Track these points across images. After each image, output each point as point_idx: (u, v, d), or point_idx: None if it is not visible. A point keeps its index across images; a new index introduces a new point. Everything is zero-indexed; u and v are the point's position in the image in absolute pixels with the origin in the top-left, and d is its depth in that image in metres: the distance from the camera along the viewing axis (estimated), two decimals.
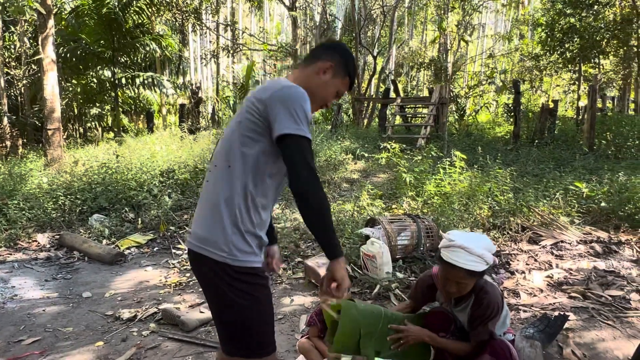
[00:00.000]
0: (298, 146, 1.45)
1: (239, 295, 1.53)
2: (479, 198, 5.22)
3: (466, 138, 11.29)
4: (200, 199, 1.66)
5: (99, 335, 3.07)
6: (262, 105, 1.51)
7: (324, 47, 1.77)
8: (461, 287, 2.08)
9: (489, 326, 2.10)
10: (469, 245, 2.00)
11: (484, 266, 2.02)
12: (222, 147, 1.64)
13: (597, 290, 3.52)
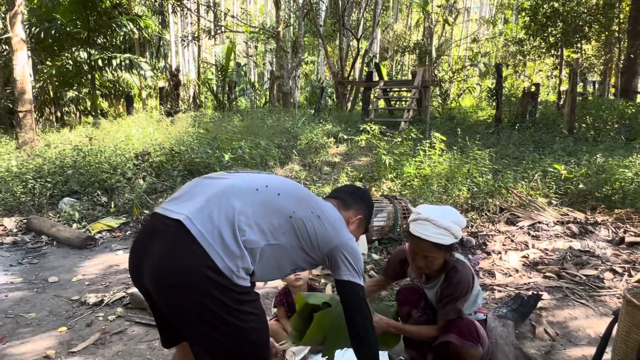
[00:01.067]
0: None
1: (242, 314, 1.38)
2: (458, 180, 5.19)
3: (448, 122, 11.26)
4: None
5: (62, 320, 2.96)
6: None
7: (355, 196, 1.85)
8: (429, 261, 2.04)
9: (457, 305, 2.06)
10: (436, 218, 1.96)
11: (452, 239, 1.98)
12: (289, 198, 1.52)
13: (571, 270, 3.52)
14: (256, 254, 1.39)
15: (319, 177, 6.62)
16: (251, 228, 1.36)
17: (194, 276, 1.29)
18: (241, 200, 1.39)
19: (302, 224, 1.47)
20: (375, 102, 12.25)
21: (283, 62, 14.93)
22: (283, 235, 1.44)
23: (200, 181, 1.52)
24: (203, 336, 1.35)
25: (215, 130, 7.78)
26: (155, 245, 1.33)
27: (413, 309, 2.34)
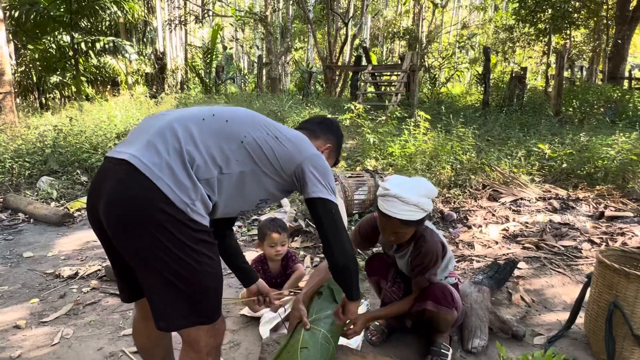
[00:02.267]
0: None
1: (198, 254, 1.31)
2: (442, 158, 5.18)
3: (436, 106, 11.24)
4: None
5: (35, 293, 2.91)
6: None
7: (323, 126, 1.79)
8: (399, 236, 2.00)
9: (428, 274, 2.03)
10: (404, 195, 1.87)
11: (421, 214, 1.90)
12: (239, 122, 1.44)
13: (550, 241, 3.53)
14: (213, 185, 1.33)
15: None
16: (202, 157, 1.30)
17: (146, 209, 1.24)
18: (187, 131, 1.33)
19: (257, 146, 1.40)
20: (364, 86, 12.18)
21: (271, 47, 14.77)
22: (237, 163, 1.37)
23: (146, 120, 1.45)
24: (156, 277, 1.29)
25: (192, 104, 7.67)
26: (106, 185, 1.29)
27: (382, 280, 2.32)
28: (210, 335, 1.40)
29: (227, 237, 1.82)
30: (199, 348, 1.39)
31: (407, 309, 2.14)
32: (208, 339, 1.40)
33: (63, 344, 2.33)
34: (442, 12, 27.55)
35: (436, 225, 3.95)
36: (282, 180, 1.47)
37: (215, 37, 14.07)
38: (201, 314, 1.36)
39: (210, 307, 1.38)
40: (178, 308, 1.33)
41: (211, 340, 1.41)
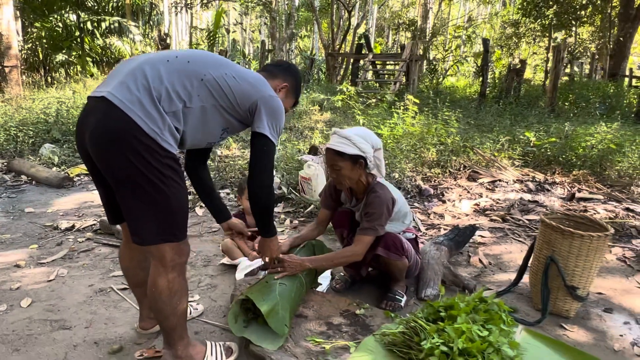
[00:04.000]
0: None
1: (166, 177, 1.52)
2: (428, 140, 5.40)
3: (434, 96, 11.42)
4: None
5: (34, 240, 3.18)
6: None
7: (280, 67, 1.96)
8: (337, 171, 2.17)
9: (375, 223, 2.18)
10: (340, 131, 2.14)
11: (354, 149, 2.09)
12: (198, 62, 1.64)
13: (516, 215, 3.76)
14: (179, 116, 1.55)
15: (297, 138, 6.80)
16: (167, 93, 1.52)
17: (122, 137, 1.46)
18: (154, 70, 1.54)
19: (216, 84, 1.61)
20: (364, 74, 12.36)
21: (275, 33, 14.94)
22: (199, 98, 1.58)
23: (121, 64, 1.68)
24: (130, 197, 1.53)
25: None
26: (90, 120, 1.52)
27: (344, 230, 2.54)
28: (175, 252, 1.62)
29: (201, 172, 2.05)
30: (165, 263, 1.61)
31: (346, 256, 2.24)
32: (173, 255, 1.61)
33: (58, 281, 2.59)
34: (449, 5, 27.59)
35: (413, 199, 4.19)
36: (238, 115, 1.69)
37: (218, 20, 14.23)
38: (168, 232, 1.58)
39: (176, 226, 1.61)
40: (149, 225, 1.56)
41: (176, 257, 1.62)
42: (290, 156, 4.48)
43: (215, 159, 5.00)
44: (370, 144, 2.17)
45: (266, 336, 1.92)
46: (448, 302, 1.91)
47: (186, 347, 1.77)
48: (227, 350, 1.91)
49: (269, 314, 1.90)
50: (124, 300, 2.38)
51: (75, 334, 2.06)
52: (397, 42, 27.55)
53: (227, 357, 1.87)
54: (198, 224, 3.56)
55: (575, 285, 2.27)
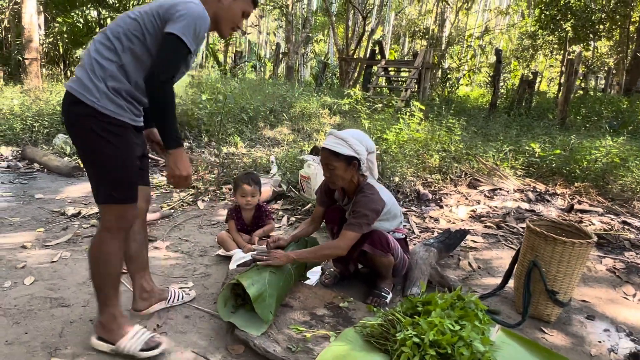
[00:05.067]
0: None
1: (104, 141, 1.69)
2: (431, 147, 5.46)
3: (443, 104, 11.46)
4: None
5: (42, 224, 3.32)
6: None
7: None
8: (331, 170, 2.25)
9: (360, 220, 2.25)
10: (336, 132, 2.24)
11: (349, 151, 2.18)
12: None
13: (511, 222, 3.81)
14: (117, 76, 1.69)
15: (303, 139, 6.91)
16: (96, 62, 1.68)
17: (66, 113, 1.72)
18: (92, 46, 1.72)
19: (135, 25, 1.70)
20: (375, 79, 12.44)
21: (290, 36, 15.11)
22: (127, 51, 1.70)
23: None
24: (83, 162, 1.77)
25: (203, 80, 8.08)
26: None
27: (334, 226, 2.63)
28: (113, 214, 1.76)
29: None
30: (103, 222, 1.78)
31: (331, 250, 2.30)
32: (111, 217, 1.76)
33: (61, 262, 2.72)
34: (466, 15, 27.57)
35: (410, 203, 4.26)
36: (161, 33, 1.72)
37: None
38: (109, 193, 1.73)
39: (116, 189, 1.74)
40: (97, 187, 1.76)
41: (113, 219, 1.76)
42: (293, 156, 4.58)
43: (221, 155, 5.12)
44: (364, 147, 2.26)
45: (252, 322, 2.02)
46: (426, 298, 1.99)
47: (111, 318, 1.84)
48: (152, 343, 1.86)
49: (256, 299, 2.00)
50: (122, 284, 2.49)
51: (72, 311, 2.18)
52: (413, 50, 27.60)
53: (146, 349, 1.84)
54: (198, 217, 3.68)
55: (556, 290, 2.32)
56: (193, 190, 4.24)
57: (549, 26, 15.27)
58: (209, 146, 5.82)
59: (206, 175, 4.61)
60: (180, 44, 1.66)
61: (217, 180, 4.44)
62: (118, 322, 1.85)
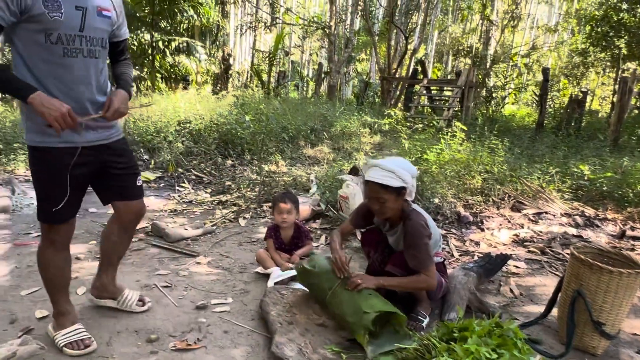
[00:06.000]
0: None
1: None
2: (473, 168, 5.37)
3: (486, 124, 11.24)
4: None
5: (94, 237, 3.52)
6: None
7: None
8: (382, 204, 2.25)
9: (425, 251, 2.25)
10: (382, 163, 2.21)
11: (399, 182, 2.18)
12: None
13: (557, 248, 3.68)
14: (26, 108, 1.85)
15: (343, 158, 6.97)
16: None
17: None
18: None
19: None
20: (417, 99, 12.38)
21: (332, 56, 15.34)
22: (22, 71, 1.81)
23: None
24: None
25: (249, 101, 8.33)
26: None
27: (371, 250, 2.63)
28: (43, 228, 2.01)
29: (116, 68, 2.19)
30: (41, 234, 2.04)
31: (416, 284, 2.32)
32: (43, 230, 2.02)
33: None
34: (512, 32, 27.05)
35: (450, 225, 4.20)
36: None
37: (278, 42, 14.86)
38: (39, 215, 1.98)
39: (38, 207, 1.96)
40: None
41: (45, 233, 2.01)
42: (332, 175, 4.64)
43: (262, 173, 5.25)
44: (410, 174, 2.25)
45: (391, 340, 2.10)
46: (463, 324, 1.96)
47: (58, 314, 2.10)
48: (80, 345, 2.03)
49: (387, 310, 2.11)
50: (165, 297, 2.61)
51: (119, 322, 2.30)
52: (456, 68, 27.30)
53: (66, 346, 2.02)
54: (239, 234, 3.78)
55: (602, 321, 2.23)
56: (235, 208, 4.37)
57: (601, 43, 14.73)
58: (250, 164, 5.98)
59: (247, 193, 4.74)
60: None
61: (258, 198, 4.55)
62: (62, 318, 2.10)
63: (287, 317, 2.29)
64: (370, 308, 2.08)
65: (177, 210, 4.37)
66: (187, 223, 3.98)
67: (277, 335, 2.11)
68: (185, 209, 4.43)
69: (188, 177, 5.52)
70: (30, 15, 1.65)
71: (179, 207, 4.46)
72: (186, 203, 4.63)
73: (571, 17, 24.89)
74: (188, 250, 3.32)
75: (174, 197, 4.80)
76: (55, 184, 1.89)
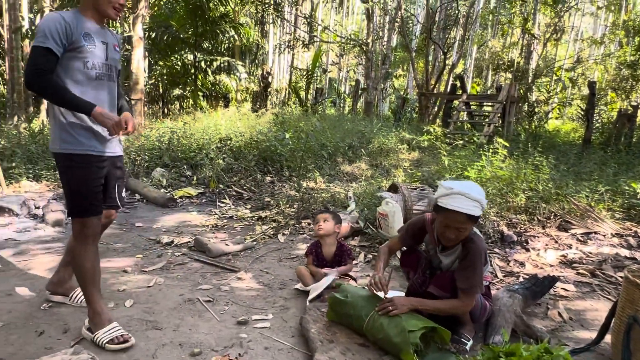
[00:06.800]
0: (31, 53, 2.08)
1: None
2: (516, 185, 5.22)
3: (529, 139, 10.92)
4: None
5: (140, 251, 3.66)
6: None
7: None
8: (460, 232, 2.20)
9: (478, 275, 2.22)
10: (468, 191, 2.13)
11: (480, 211, 2.16)
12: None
13: (609, 271, 3.50)
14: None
15: (381, 175, 6.94)
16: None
17: None
18: None
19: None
20: (456, 114, 12.21)
21: (369, 72, 15.42)
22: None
23: None
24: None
25: (287, 118, 8.45)
26: None
27: (411, 271, 2.58)
28: (77, 225, 2.23)
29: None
30: (73, 233, 2.26)
31: (451, 309, 2.30)
32: (76, 227, 2.24)
33: (155, 287, 2.96)
34: (555, 45, 26.34)
35: (494, 245, 4.08)
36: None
37: (316, 60, 15.08)
38: (70, 208, 2.24)
39: (74, 205, 2.22)
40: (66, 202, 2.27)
41: (78, 229, 2.23)
42: (370, 192, 4.63)
43: (301, 190, 5.30)
44: (485, 201, 2.21)
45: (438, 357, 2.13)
46: (510, 348, 1.90)
47: (94, 314, 2.25)
48: (120, 339, 2.18)
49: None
50: (208, 311, 2.66)
51: (164, 334, 2.36)
52: (497, 83, 26.77)
53: (110, 342, 2.17)
54: (279, 250, 3.82)
55: None
56: (274, 224, 4.42)
57: None
58: (289, 181, 6.06)
59: (286, 209, 4.79)
60: (34, 49, 2.04)
61: (296, 214, 4.59)
62: (99, 317, 2.25)
63: (328, 335, 2.29)
64: (414, 326, 2.07)
65: (218, 225, 4.47)
66: (228, 238, 4.07)
67: (318, 353, 2.11)
68: (226, 224, 4.53)
69: (229, 193, 5.65)
70: (74, 47, 2.11)
71: (220, 222, 4.57)
72: (227, 218, 4.73)
73: (619, 29, 24.00)
74: (229, 265, 3.39)
75: (215, 213, 4.92)
76: (91, 182, 2.22)
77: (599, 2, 23.15)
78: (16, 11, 10.83)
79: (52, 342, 2.23)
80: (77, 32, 2.10)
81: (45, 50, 2.02)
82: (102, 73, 2.23)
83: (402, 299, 2.30)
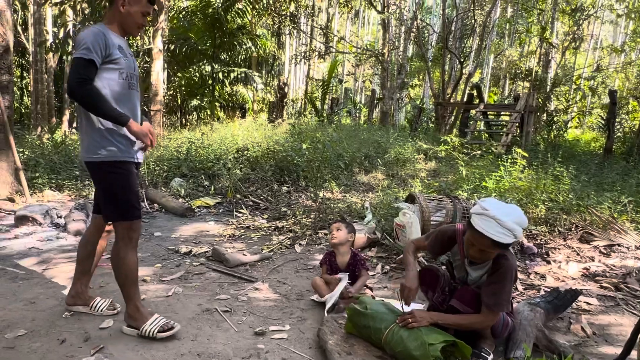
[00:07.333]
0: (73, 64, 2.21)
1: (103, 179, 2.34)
2: (536, 196, 5.14)
3: (548, 149, 10.76)
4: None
5: (159, 260, 3.70)
6: None
7: None
8: (484, 254, 2.17)
9: (505, 290, 2.16)
10: (502, 218, 2.02)
11: (512, 239, 2.05)
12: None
13: (634, 285, 3.41)
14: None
15: (398, 185, 6.91)
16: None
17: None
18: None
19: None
20: (473, 124, 12.11)
21: (385, 82, 15.43)
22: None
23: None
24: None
25: (304, 128, 8.48)
26: None
27: (429, 291, 2.53)
28: (124, 228, 2.33)
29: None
30: (117, 236, 2.35)
31: (470, 325, 2.27)
32: (123, 230, 2.34)
33: (174, 297, 2.99)
34: (574, 54, 26.01)
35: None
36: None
37: (332, 71, 15.16)
38: (117, 213, 2.32)
39: (121, 210, 2.31)
40: (109, 209, 2.35)
41: (125, 232, 2.34)
42: (387, 202, 4.61)
43: (318, 200, 5.31)
44: (522, 228, 2.11)
45: None
46: None
47: (134, 309, 2.38)
48: (167, 326, 2.36)
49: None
50: (225, 321, 2.67)
51: (183, 344, 2.37)
52: (514, 92, 26.50)
53: (160, 331, 2.34)
54: (295, 260, 3.83)
55: None
56: (291, 234, 4.43)
57: None
58: (306, 191, 6.07)
59: (303, 219, 4.80)
60: (76, 60, 2.16)
61: (313, 224, 4.60)
62: (140, 312, 2.39)
63: (346, 347, 2.27)
64: (434, 340, 2.06)
65: (236, 235, 4.50)
66: (245, 248, 4.09)
67: None
68: (243, 234, 4.56)
69: (246, 202, 5.69)
70: (111, 59, 2.26)
71: (237, 232, 4.60)
72: (244, 228, 4.76)
73: (639, 37, 23.61)
74: (247, 275, 3.40)
75: (233, 223, 4.95)
76: (133, 186, 2.36)
77: (619, 10, 22.83)
78: (41, 25, 11.18)
79: (73, 351, 2.27)
80: (112, 45, 2.25)
81: (88, 62, 2.16)
82: (133, 83, 2.38)
83: (423, 312, 2.29)
